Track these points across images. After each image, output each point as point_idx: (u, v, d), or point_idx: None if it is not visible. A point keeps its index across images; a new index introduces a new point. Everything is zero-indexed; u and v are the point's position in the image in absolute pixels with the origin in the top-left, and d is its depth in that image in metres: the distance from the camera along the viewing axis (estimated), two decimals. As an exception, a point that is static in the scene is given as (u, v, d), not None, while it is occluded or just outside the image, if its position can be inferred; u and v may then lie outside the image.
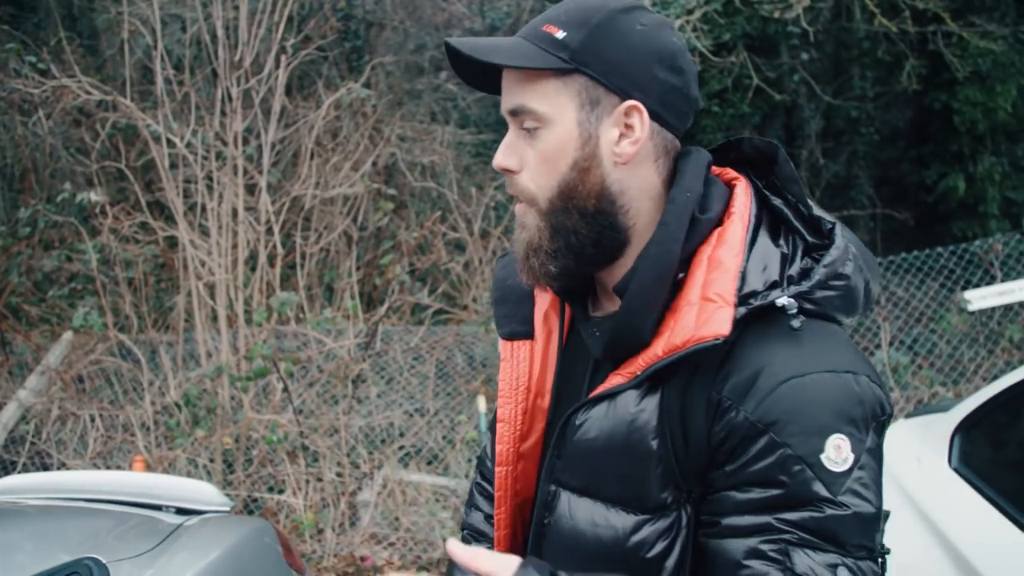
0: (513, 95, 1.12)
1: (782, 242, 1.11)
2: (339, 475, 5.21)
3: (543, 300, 1.29)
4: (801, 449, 1.00)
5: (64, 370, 6.22)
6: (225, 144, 5.94)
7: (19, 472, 5.39)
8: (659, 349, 1.07)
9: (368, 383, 5.77)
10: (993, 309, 5.68)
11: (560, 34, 1.09)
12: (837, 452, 1.01)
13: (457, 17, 10.95)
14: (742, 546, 1.02)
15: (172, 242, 6.54)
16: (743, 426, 1.02)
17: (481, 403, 5.31)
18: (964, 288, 5.80)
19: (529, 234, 1.14)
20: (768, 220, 1.13)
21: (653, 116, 1.11)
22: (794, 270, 1.08)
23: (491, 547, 1.36)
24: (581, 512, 1.13)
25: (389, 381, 5.90)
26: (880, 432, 1.06)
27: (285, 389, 5.27)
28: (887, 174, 9.29)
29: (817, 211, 1.12)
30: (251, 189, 6.28)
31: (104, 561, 1.87)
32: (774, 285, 1.06)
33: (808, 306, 1.06)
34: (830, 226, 1.10)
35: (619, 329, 1.11)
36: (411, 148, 7.70)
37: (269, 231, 6.06)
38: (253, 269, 6.08)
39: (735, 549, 1.02)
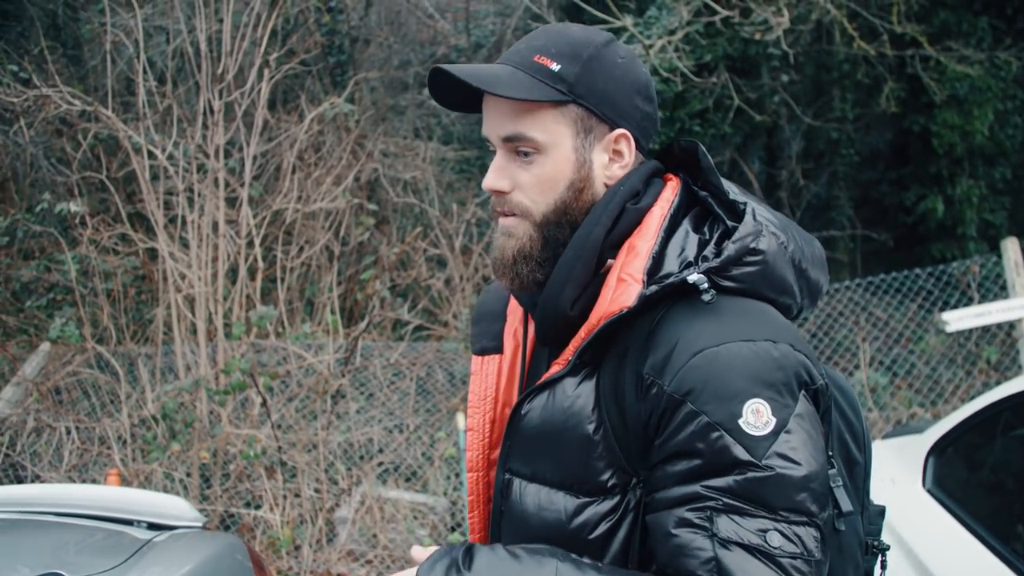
0: (508, 123, 1.19)
1: (705, 229, 1.18)
2: (317, 491, 5.18)
3: (513, 318, 1.35)
4: (718, 415, 1.03)
5: (41, 381, 6.16)
6: (207, 157, 5.91)
7: (-9, 485, 5.32)
8: (583, 331, 1.15)
9: (347, 399, 5.74)
10: (971, 330, 5.73)
11: (555, 66, 1.17)
12: (756, 416, 1.03)
13: (443, 34, 10.99)
14: (671, 517, 1.04)
15: (152, 254, 6.50)
16: (663, 399, 1.06)
17: (460, 420, 5.29)
18: (942, 309, 5.83)
19: (519, 243, 1.21)
20: (698, 212, 1.21)
21: (634, 142, 1.22)
22: (709, 251, 1.14)
23: None
24: (529, 497, 1.17)
25: (368, 397, 5.88)
26: (813, 400, 1.09)
27: (264, 404, 5.24)
28: (867, 195, 9.37)
29: (734, 195, 1.19)
30: (232, 202, 6.25)
31: (71, 577, 1.84)
32: (688, 266, 1.13)
33: (728, 283, 1.12)
34: (742, 206, 1.17)
35: (543, 304, 1.20)
36: (393, 164, 7.71)
37: (250, 244, 6.03)
38: (233, 282, 6.04)
39: (665, 521, 1.05)
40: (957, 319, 5.28)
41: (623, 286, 1.12)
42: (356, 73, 8.27)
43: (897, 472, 2.76)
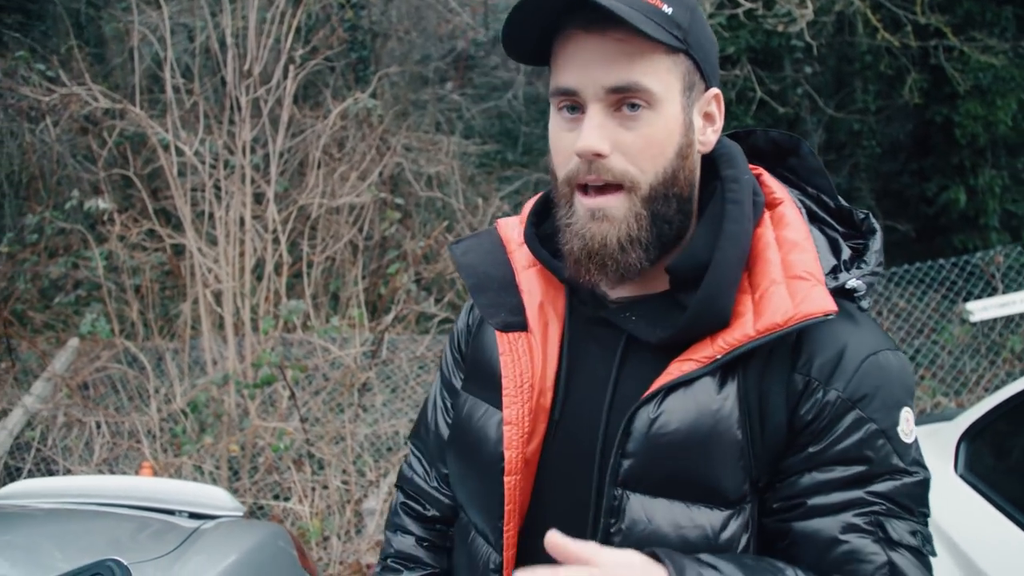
0: (621, 70, 0.99)
1: (816, 231, 1.11)
2: (345, 483, 5.23)
3: (534, 291, 1.19)
4: (884, 423, 1.03)
5: (70, 377, 6.25)
6: (232, 153, 5.98)
7: (24, 478, 5.42)
8: (749, 330, 1.02)
9: (374, 391, 5.80)
10: (995, 320, 5.73)
11: (668, 9, 1.01)
12: (907, 424, 1.05)
13: (461, 28, 11.03)
14: (836, 523, 1.02)
15: (178, 250, 6.58)
16: (834, 404, 1.02)
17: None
18: (965, 300, 5.84)
19: (623, 225, 1.04)
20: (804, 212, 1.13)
21: None
22: (846, 256, 1.09)
23: None
24: (660, 514, 1.04)
25: (394, 390, 5.93)
26: None
27: (291, 397, 5.30)
28: (888, 186, 9.33)
29: (843, 202, 1.14)
30: (258, 198, 6.31)
31: (126, 563, 1.90)
32: (835, 268, 1.08)
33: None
34: (863, 215, 1.12)
35: (702, 309, 1.04)
36: (417, 158, 7.75)
37: (276, 240, 6.09)
38: (259, 278, 6.11)
39: (829, 527, 1.02)
40: (981, 309, 5.30)
41: (807, 286, 1.02)
42: (378, 68, 8.32)
43: (928, 458, 2.78)
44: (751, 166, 1.15)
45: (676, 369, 1.04)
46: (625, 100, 1.00)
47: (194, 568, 2.00)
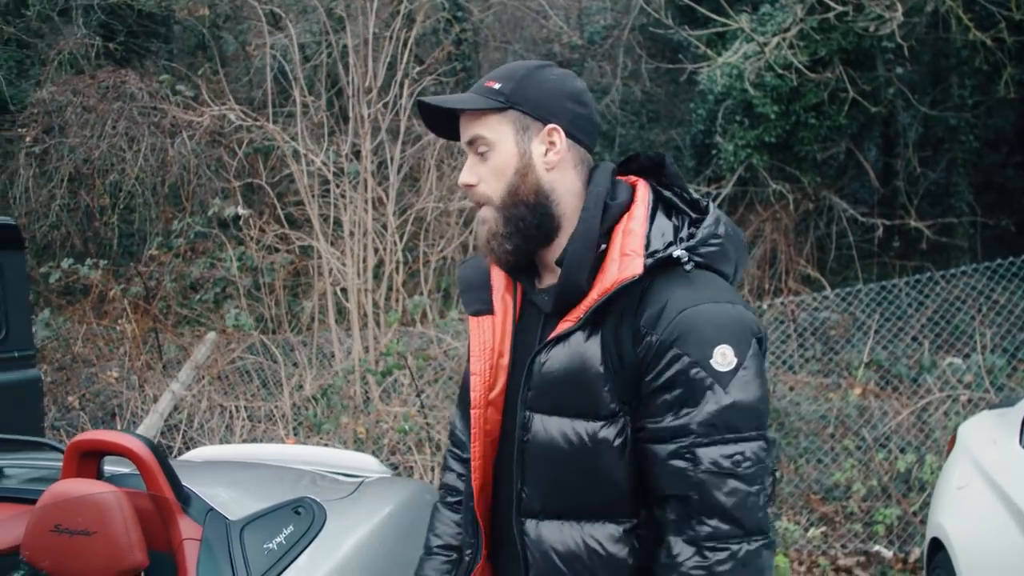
0: (469, 129, 1.57)
1: (674, 219, 1.55)
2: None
3: (499, 286, 1.67)
4: (696, 356, 1.39)
5: (210, 366, 6.88)
6: (350, 161, 6.52)
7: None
8: (595, 295, 1.47)
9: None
10: (1090, 312, 5.82)
11: (497, 86, 1.55)
12: (723, 357, 1.40)
13: (556, 32, 11.42)
14: (664, 449, 1.41)
15: (304, 251, 7.16)
16: (656, 345, 1.42)
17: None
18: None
19: (489, 225, 1.56)
20: (663, 207, 1.57)
21: (568, 135, 1.56)
22: (683, 234, 1.52)
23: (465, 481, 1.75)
24: (552, 427, 1.49)
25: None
26: (759, 344, 1.46)
27: (413, 383, 5.80)
28: (990, 180, 9.31)
29: (695, 195, 1.58)
30: (378, 203, 6.85)
31: (319, 500, 2.39)
32: (670, 244, 1.49)
33: (697, 259, 1.48)
34: (705, 203, 1.56)
35: (563, 283, 1.51)
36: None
37: (396, 241, 6.60)
38: (376, 276, 6.63)
39: (661, 451, 1.41)
40: (1074, 301, 5.42)
41: (628, 259, 1.47)
42: (481, 77, 8.77)
43: (998, 434, 3.14)
44: (636, 177, 1.63)
45: (560, 328, 1.51)
46: (477, 146, 1.58)
47: (368, 507, 2.49)
